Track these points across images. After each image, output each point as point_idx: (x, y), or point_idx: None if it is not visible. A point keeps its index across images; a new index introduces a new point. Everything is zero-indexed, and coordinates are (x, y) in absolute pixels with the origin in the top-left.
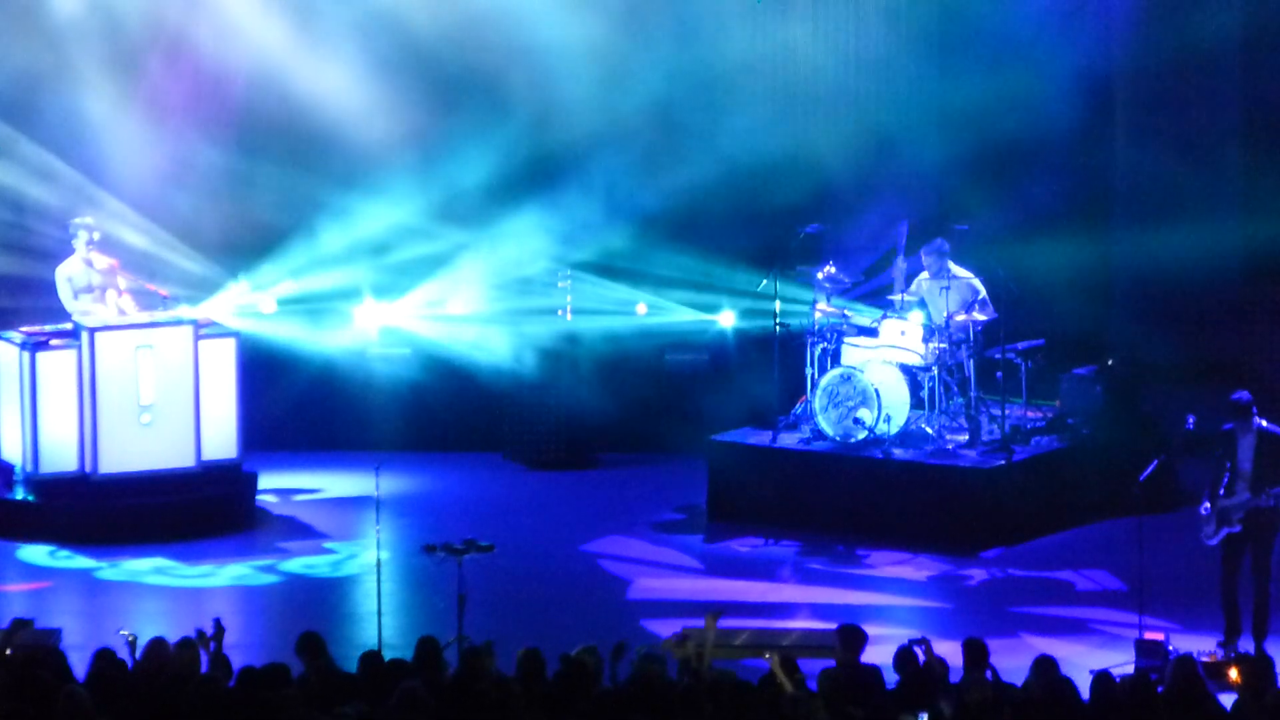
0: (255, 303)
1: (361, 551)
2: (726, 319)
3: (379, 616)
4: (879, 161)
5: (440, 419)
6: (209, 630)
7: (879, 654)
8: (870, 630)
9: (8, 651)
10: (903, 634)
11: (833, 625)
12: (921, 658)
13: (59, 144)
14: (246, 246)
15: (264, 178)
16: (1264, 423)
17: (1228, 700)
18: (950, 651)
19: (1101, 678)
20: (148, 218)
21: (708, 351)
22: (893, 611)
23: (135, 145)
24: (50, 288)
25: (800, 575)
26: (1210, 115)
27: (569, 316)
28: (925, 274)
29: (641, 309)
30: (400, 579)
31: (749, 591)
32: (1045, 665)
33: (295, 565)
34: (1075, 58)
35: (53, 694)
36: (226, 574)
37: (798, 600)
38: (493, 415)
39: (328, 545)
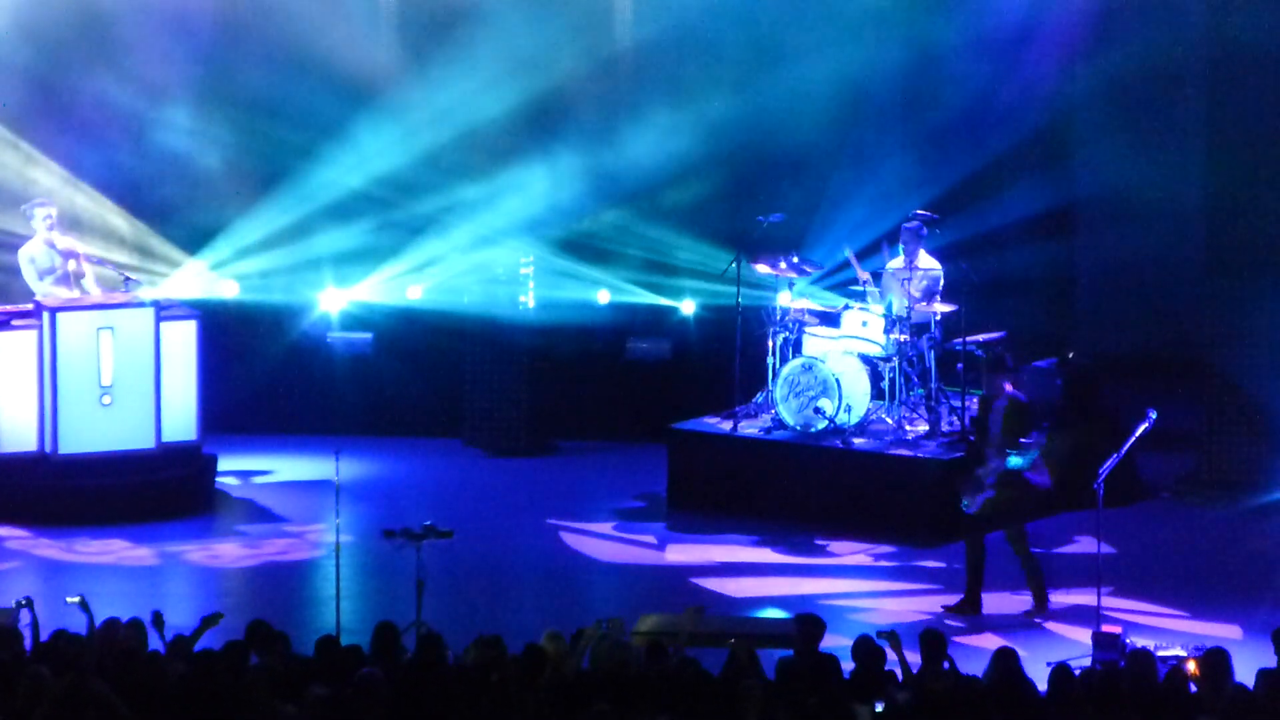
0: (216, 285)
1: (320, 535)
2: (688, 307)
3: (337, 601)
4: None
5: (400, 404)
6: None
7: (837, 643)
8: (828, 619)
9: None
10: (861, 623)
11: (791, 614)
12: (890, 655)
13: (22, 127)
14: (208, 227)
15: (226, 156)
16: (1010, 387)
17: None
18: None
19: (1060, 670)
20: (109, 197)
21: (669, 339)
22: (851, 601)
23: (95, 121)
24: (14, 268)
25: (759, 565)
26: (1174, 114)
27: (530, 302)
28: (890, 263)
29: (603, 296)
30: (359, 564)
31: (708, 580)
32: (1004, 657)
33: (254, 548)
34: (1039, 57)
35: (13, 674)
36: (184, 556)
37: (757, 590)
38: (453, 401)
39: (287, 529)
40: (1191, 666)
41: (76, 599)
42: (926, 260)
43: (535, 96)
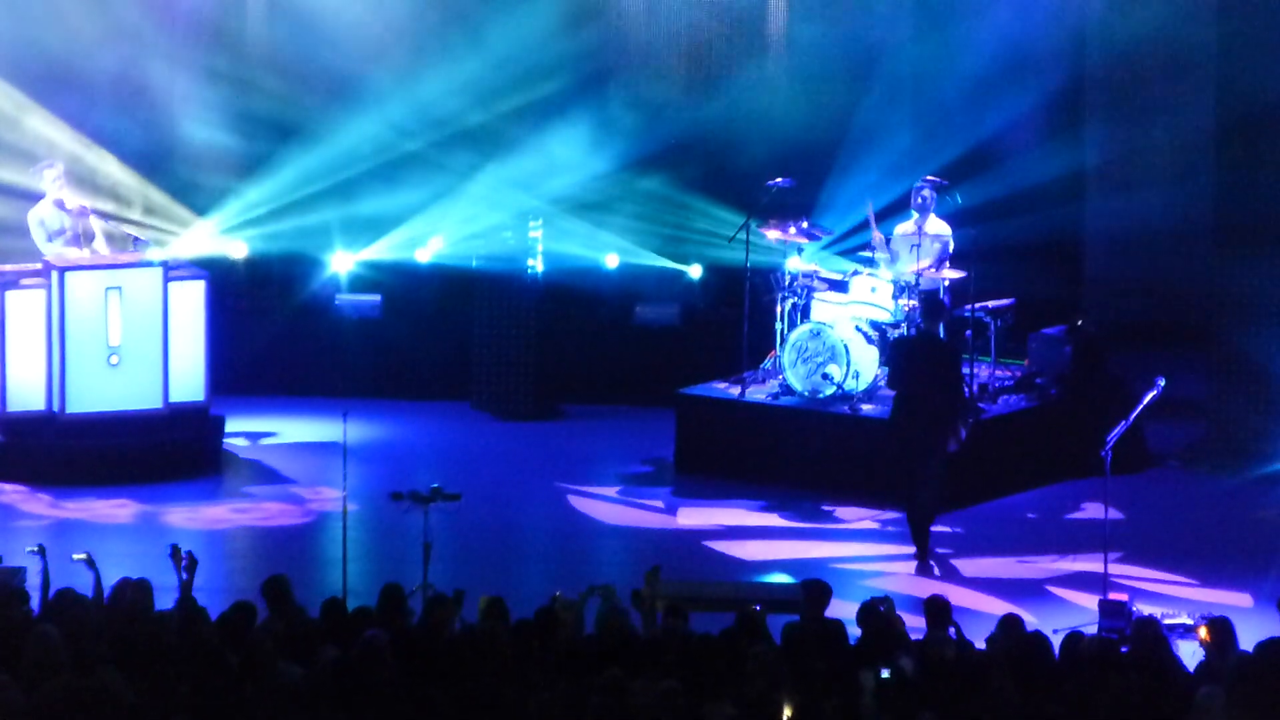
0: (225, 245)
1: (327, 498)
2: (696, 271)
3: (344, 563)
4: (856, 122)
5: (409, 367)
6: (183, 560)
7: (843, 609)
8: (835, 585)
9: None
10: (868, 589)
11: (798, 580)
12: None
13: (26, 81)
14: (217, 188)
15: (236, 115)
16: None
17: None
18: (913, 608)
19: (1071, 638)
20: (118, 157)
21: (677, 304)
22: (858, 566)
23: (103, 78)
24: (23, 228)
25: (767, 529)
26: (1184, 82)
27: (539, 266)
28: (900, 227)
29: (612, 260)
30: (366, 526)
31: (715, 544)
32: (1010, 624)
33: (261, 510)
34: (1051, 23)
35: (20, 632)
36: (192, 516)
37: (764, 555)
38: (461, 364)
39: (294, 490)
40: (1202, 633)
41: (83, 556)
42: (937, 225)
43: (545, 60)
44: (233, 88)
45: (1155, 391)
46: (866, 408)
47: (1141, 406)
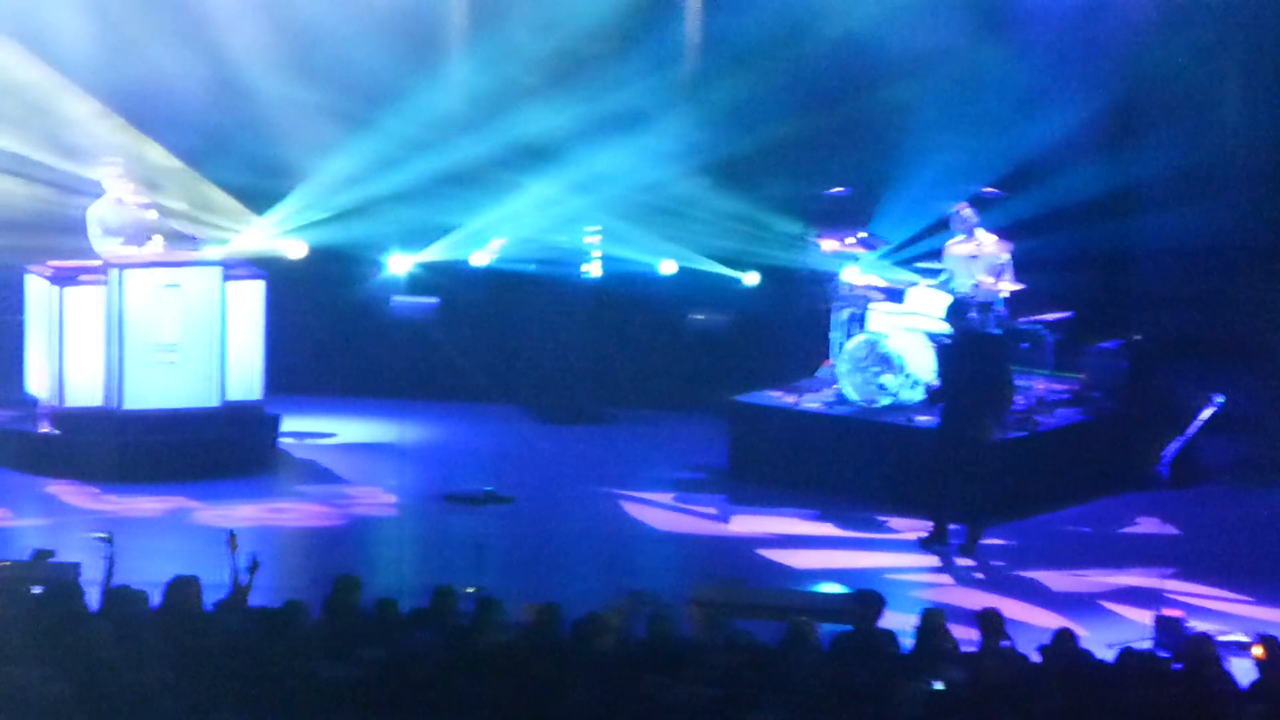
0: (283, 245)
1: (380, 498)
2: (751, 279)
3: (393, 566)
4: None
5: (463, 369)
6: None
7: (895, 620)
8: (887, 596)
9: (31, 586)
10: (920, 600)
11: (851, 589)
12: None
13: (87, 78)
14: (276, 186)
15: (303, 115)
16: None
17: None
18: (966, 620)
19: (1124, 653)
20: (179, 156)
21: (732, 311)
22: (910, 578)
23: (161, 76)
24: (74, 227)
25: (820, 538)
26: (1241, 94)
27: (595, 271)
28: (955, 240)
29: (668, 266)
30: (418, 528)
31: (768, 553)
32: (1064, 638)
33: (314, 509)
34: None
35: (73, 628)
36: (246, 515)
37: (817, 564)
38: (515, 367)
39: (347, 490)
40: (1256, 651)
41: (104, 535)
42: (992, 238)
43: (608, 66)
44: (292, 86)
45: (1214, 408)
46: (921, 418)
47: (1200, 422)
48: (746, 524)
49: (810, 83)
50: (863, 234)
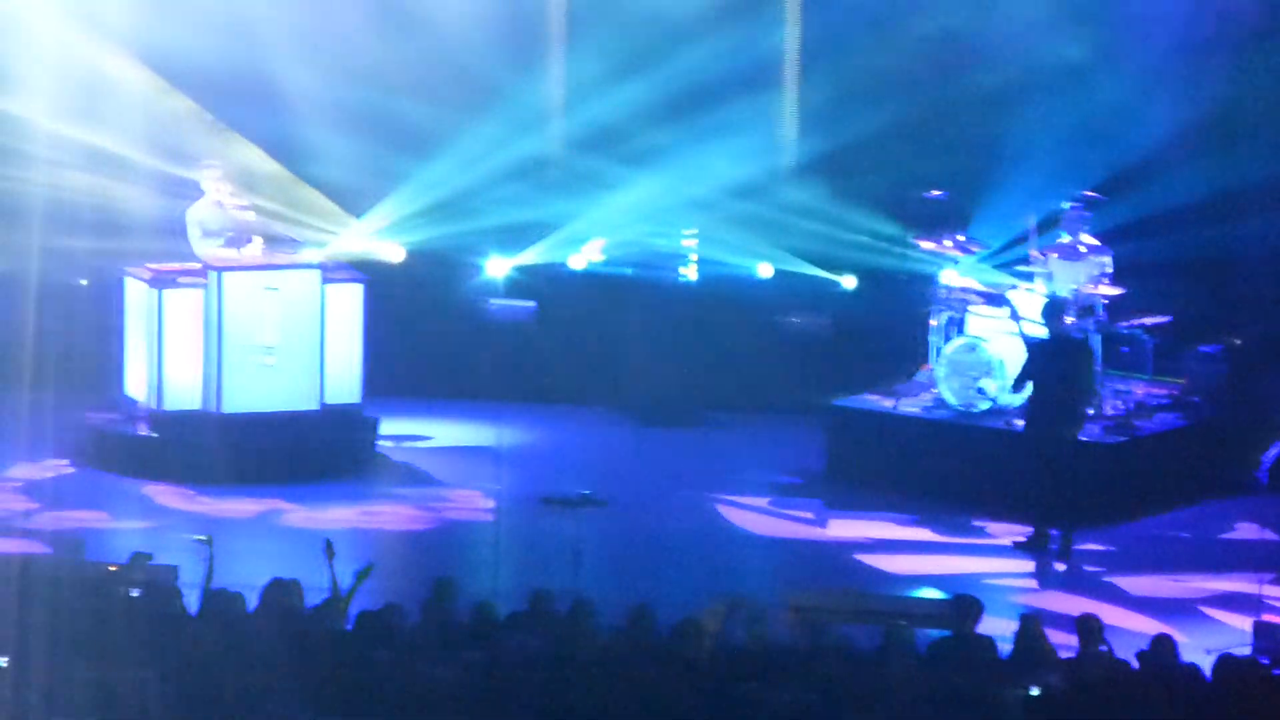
0: (382, 248)
1: (477, 501)
2: (849, 282)
3: (490, 568)
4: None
5: (560, 372)
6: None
7: (993, 626)
8: (985, 601)
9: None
10: (1018, 606)
11: (948, 595)
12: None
13: (185, 79)
14: (375, 190)
15: (391, 118)
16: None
17: None
18: (1064, 626)
19: (1223, 659)
20: (277, 158)
21: (829, 314)
22: (1008, 583)
23: (263, 82)
24: (181, 229)
25: (918, 543)
26: None
27: (692, 274)
28: (1061, 240)
29: (765, 269)
30: (515, 531)
31: (865, 557)
32: (1162, 644)
33: (411, 512)
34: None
35: (172, 631)
36: (342, 518)
37: (914, 569)
38: (613, 370)
39: (444, 494)
40: None
41: (204, 538)
42: (1093, 243)
43: (706, 68)
44: (390, 88)
45: None
46: (1020, 423)
47: None
48: (843, 528)
49: (909, 84)
50: (961, 237)
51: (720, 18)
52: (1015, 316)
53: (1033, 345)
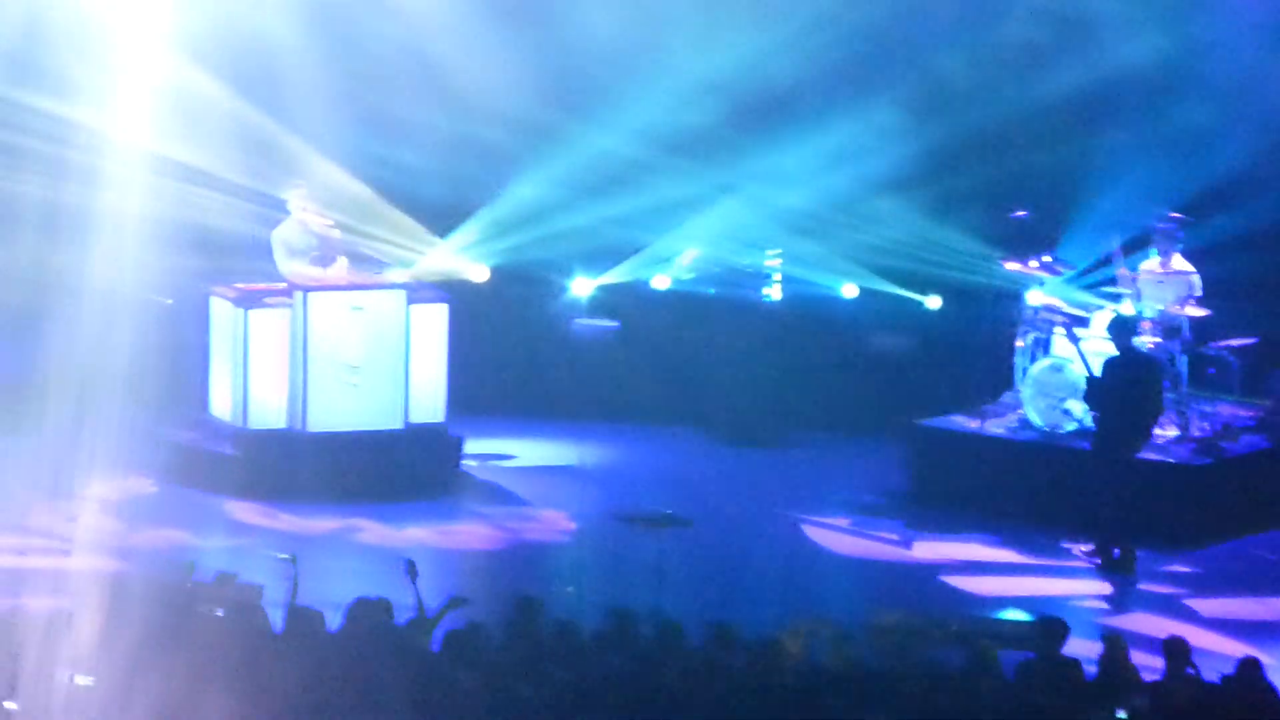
0: (466, 268)
1: (561, 521)
2: (934, 302)
3: (574, 587)
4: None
5: (643, 392)
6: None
7: (1079, 648)
8: (1071, 623)
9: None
10: (1103, 627)
11: (1034, 616)
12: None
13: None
14: (458, 211)
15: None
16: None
17: None
18: (1150, 648)
19: None
20: (362, 179)
21: (914, 334)
22: (1094, 605)
23: (347, 105)
24: (265, 249)
25: (1003, 564)
26: None
27: (776, 294)
28: (1145, 264)
29: (849, 289)
30: (598, 550)
31: (950, 578)
32: (1250, 666)
33: (495, 531)
34: None
35: (257, 650)
36: (425, 536)
37: (1000, 590)
38: (695, 390)
39: (528, 512)
40: None
41: (287, 556)
42: (1181, 263)
43: (791, 84)
44: (469, 110)
45: None
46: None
47: None
48: (928, 549)
49: (994, 100)
50: (1047, 258)
51: (808, 32)
52: (1074, 338)
53: (1106, 362)
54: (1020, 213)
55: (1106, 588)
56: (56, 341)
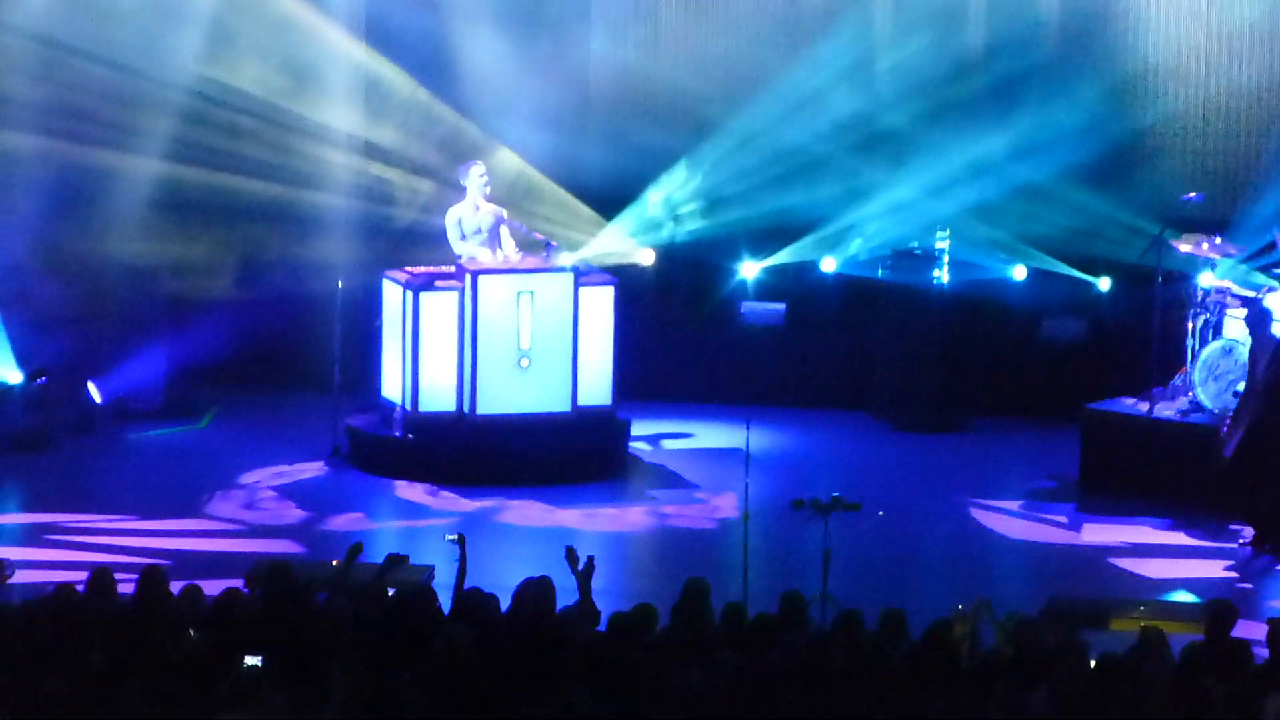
0: (634, 251)
1: (729, 503)
2: (1105, 284)
3: (744, 570)
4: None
5: (810, 376)
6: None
7: (1248, 631)
8: (1240, 606)
9: (385, 589)
10: (1273, 610)
11: (1202, 599)
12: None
13: (442, 87)
14: (627, 193)
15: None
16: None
17: None
18: None
19: None
20: (532, 163)
21: (1085, 317)
22: (1266, 589)
23: (522, 90)
24: (434, 235)
25: (1172, 547)
26: None
27: (945, 277)
28: None
29: (1019, 272)
30: (766, 533)
31: (1119, 561)
32: None
33: (664, 514)
34: None
35: (427, 633)
36: (594, 518)
37: (1168, 573)
38: (863, 374)
39: (696, 495)
40: None
41: (455, 536)
42: None
43: (960, 63)
44: (644, 94)
45: None
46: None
47: None
48: (1097, 533)
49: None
50: (1219, 239)
51: (978, 17)
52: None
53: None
54: (1193, 194)
55: (1274, 572)
56: (242, 326)
